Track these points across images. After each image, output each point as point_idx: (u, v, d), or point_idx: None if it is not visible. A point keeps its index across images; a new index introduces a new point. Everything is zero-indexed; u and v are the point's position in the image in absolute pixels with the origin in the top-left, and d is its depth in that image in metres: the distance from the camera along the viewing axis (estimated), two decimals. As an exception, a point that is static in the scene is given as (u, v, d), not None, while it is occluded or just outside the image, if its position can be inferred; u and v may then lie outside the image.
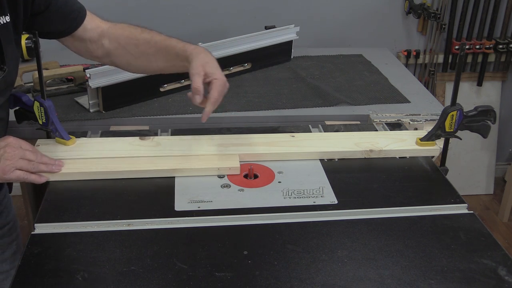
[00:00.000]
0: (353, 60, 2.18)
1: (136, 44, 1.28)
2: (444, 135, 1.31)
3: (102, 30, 1.29)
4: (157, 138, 1.35)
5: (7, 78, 1.15)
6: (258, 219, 1.09)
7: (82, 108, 1.66)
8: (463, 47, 1.28)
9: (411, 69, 2.54)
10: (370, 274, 0.95)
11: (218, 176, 1.22)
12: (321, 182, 1.21)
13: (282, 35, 2.06)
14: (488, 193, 2.88)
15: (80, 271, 0.93)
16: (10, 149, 1.10)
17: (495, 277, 0.95)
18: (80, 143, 1.32)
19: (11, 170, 1.09)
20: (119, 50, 1.29)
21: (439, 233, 1.06)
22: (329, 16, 2.43)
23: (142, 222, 1.06)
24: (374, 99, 1.80)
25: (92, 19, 1.28)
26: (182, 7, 2.30)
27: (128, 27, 1.31)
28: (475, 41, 2.53)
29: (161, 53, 1.27)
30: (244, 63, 1.98)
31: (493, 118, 1.30)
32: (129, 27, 1.31)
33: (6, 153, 1.09)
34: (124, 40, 1.28)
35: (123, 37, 1.28)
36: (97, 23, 1.29)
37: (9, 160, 1.09)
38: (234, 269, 0.95)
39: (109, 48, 1.29)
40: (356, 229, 1.06)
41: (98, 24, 1.29)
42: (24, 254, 0.97)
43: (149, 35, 1.28)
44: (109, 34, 1.29)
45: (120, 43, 1.28)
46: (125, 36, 1.28)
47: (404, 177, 1.25)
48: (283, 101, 1.77)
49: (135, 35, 1.28)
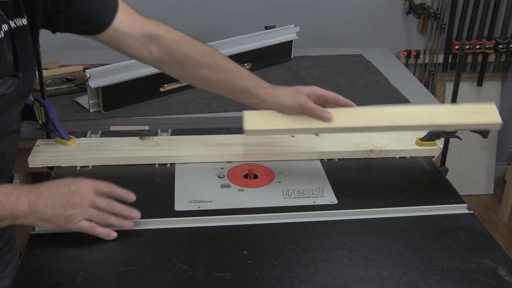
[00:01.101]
0: (353, 60, 2.17)
1: (195, 66, 1.19)
2: (444, 135, 1.31)
3: (148, 33, 1.17)
4: (157, 138, 1.35)
5: (23, 85, 1.04)
6: (258, 219, 1.09)
7: (82, 108, 1.66)
8: (463, 47, 1.28)
9: (411, 69, 2.54)
10: (370, 274, 0.95)
11: (218, 176, 1.22)
12: (321, 182, 1.21)
13: (282, 35, 2.06)
14: (488, 193, 2.88)
15: (80, 271, 0.93)
16: (78, 196, 0.98)
17: (495, 277, 0.95)
18: (80, 143, 1.32)
19: (75, 220, 0.97)
20: (173, 63, 1.20)
21: (439, 233, 1.06)
22: (329, 16, 2.42)
23: (142, 222, 1.06)
24: (374, 99, 1.80)
25: (132, 17, 1.17)
26: (182, 7, 2.30)
27: (184, 41, 1.19)
28: (475, 41, 2.53)
29: (225, 83, 1.21)
30: (244, 63, 1.97)
31: (493, 118, 1.29)
32: (186, 42, 1.19)
33: (73, 199, 0.97)
34: (181, 56, 1.19)
35: (179, 53, 1.19)
36: (139, 22, 1.17)
37: (75, 209, 0.97)
38: (234, 269, 0.95)
39: (160, 57, 1.20)
40: (356, 229, 1.06)
41: (140, 24, 1.17)
42: (24, 254, 0.97)
43: (213, 60, 1.20)
44: (159, 41, 1.18)
45: (175, 57, 1.19)
46: (183, 53, 1.19)
47: (404, 177, 1.25)
48: (283, 101, 1.77)
49: (196, 56, 1.19)
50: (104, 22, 1.13)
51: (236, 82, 1.20)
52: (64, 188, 1.00)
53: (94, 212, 1.00)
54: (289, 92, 1.18)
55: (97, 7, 1.11)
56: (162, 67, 1.24)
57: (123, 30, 1.15)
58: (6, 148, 1.10)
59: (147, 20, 1.19)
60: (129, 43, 1.17)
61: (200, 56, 1.19)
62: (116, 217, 1.03)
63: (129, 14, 1.17)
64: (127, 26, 1.15)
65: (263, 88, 1.20)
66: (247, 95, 1.21)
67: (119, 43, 1.17)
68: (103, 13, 1.12)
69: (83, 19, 1.11)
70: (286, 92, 1.18)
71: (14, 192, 0.96)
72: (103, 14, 1.12)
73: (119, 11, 1.14)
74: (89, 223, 0.99)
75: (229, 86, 1.22)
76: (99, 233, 1.00)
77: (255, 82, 1.21)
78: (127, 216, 1.04)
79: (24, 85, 1.05)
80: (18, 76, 1.02)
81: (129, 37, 1.16)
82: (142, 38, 1.17)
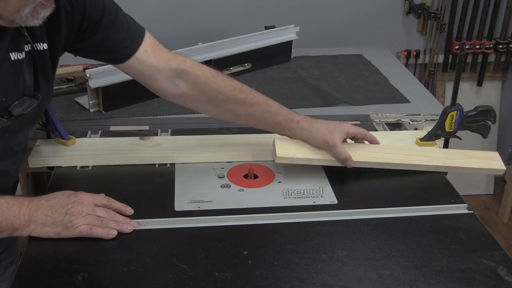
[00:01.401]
0: (353, 60, 2.17)
1: (224, 101, 1.19)
2: (444, 135, 1.31)
3: (175, 68, 1.17)
4: (157, 138, 1.35)
5: (40, 105, 1.07)
6: (258, 219, 1.09)
7: (82, 108, 1.66)
8: (463, 47, 1.28)
9: (411, 69, 2.54)
10: (370, 274, 0.95)
11: (218, 176, 1.22)
12: (321, 182, 1.21)
13: (282, 35, 2.06)
14: (488, 193, 2.88)
15: (80, 271, 0.93)
16: (78, 205, 1.01)
17: (495, 277, 0.95)
18: (80, 143, 1.32)
19: (74, 226, 0.99)
20: (200, 99, 1.20)
21: (439, 233, 1.06)
22: (329, 16, 2.42)
23: (142, 222, 1.06)
24: (374, 99, 1.80)
25: (158, 51, 1.16)
26: (183, 8, 2.30)
27: (213, 76, 1.19)
28: (475, 41, 2.53)
29: (255, 117, 1.22)
30: (244, 63, 1.97)
31: (493, 118, 1.30)
32: (214, 77, 1.19)
33: (73, 208, 1.00)
34: (209, 92, 1.18)
35: (208, 89, 1.18)
36: (165, 56, 1.17)
37: (74, 216, 0.99)
38: (234, 269, 0.95)
39: (187, 92, 1.19)
40: (356, 229, 1.06)
41: (167, 58, 1.17)
42: (24, 254, 0.97)
43: (242, 95, 1.19)
44: (186, 76, 1.18)
45: (203, 92, 1.18)
46: (211, 89, 1.18)
47: (404, 177, 1.25)
48: (283, 101, 1.76)
49: (225, 91, 1.18)
50: (126, 53, 1.13)
51: (266, 116, 1.22)
52: (64, 199, 1.02)
53: (93, 218, 1.01)
54: (321, 129, 1.22)
55: (121, 38, 1.12)
56: (188, 103, 1.23)
57: (149, 63, 1.15)
58: (10, 166, 1.10)
59: (174, 55, 1.19)
60: (155, 76, 1.17)
61: (229, 91, 1.19)
62: (115, 222, 1.03)
63: (156, 48, 1.17)
64: (153, 60, 1.15)
65: (295, 123, 1.23)
66: (279, 129, 1.25)
67: (144, 76, 1.17)
68: (126, 45, 1.13)
69: (106, 48, 1.12)
70: (318, 129, 1.22)
71: (15, 204, 0.97)
72: (126, 46, 1.13)
73: (144, 44, 1.14)
74: (87, 225, 1.00)
75: (259, 120, 1.23)
76: (98, 233, 1.00)
77: (286, 116, 1.23)
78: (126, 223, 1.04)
79: (39, 107, 1.07)
80: (38, 97, 1.04)
81: (155, 70, 1.16)
82: (169, 72, 1.17)
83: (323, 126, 1.22)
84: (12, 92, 1.00)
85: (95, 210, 1.02)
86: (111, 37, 1.11)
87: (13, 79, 0.99)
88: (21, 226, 0.97)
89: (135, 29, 1.14)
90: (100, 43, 1.11)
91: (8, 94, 0.99)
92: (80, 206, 1.01)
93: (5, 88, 0.98)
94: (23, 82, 1.01)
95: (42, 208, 0.99)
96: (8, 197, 0.98)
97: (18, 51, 0.99)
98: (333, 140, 1.20)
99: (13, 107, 1.01)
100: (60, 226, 0.99)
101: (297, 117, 1.23)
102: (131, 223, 1.05)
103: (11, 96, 1.00)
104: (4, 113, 1.00)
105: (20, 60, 0.99)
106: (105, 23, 1.09)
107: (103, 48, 1.12)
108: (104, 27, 1.09)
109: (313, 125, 1.23)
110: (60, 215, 0.99)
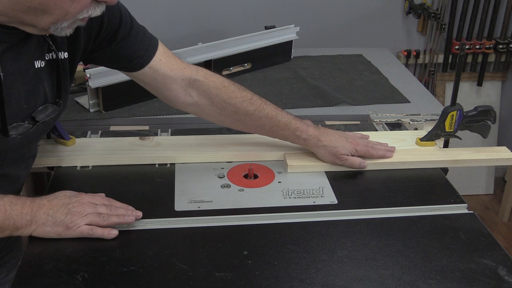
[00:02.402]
0: (353, 60, 2.18)
1: (234, 112, 1.21)
2: (444, 135, 1.31)
3: (188, 77, 1.19)
4: (157, 138, 1.35)
5: (60, 112, 1.08)
6: (258, 219, 1.09)
7: (82, 108, 1.66)
8: (463, 47, 1.28)
9: (411, 69, 2.54)
10: (370, 274, 0.95)
11: (218, 176, 1.22)
12: (321, 182, 1.21)
13: (282, 35, 2.06)
14: (488, 193, 2.88)
15: (80, 271, 0.93)
16: (79, 205, 1.01)
17: (495, 277, 0.95)
18: (80, 143, 1.32)
19: (76, 226, 0.99)
20: (211, 109, 1.21)
21: (439, 233, 1.06)
22: (329, 16, 2.43)
23: (142, 222, 1.06)
24: (374, 99, 1.80)
25: (172, 61, 1.18)
26: (183, 8, 2.30)
27: (224, 87, 1.20)
28: (475, 41, 2.53)
29: (264, 130, 1.24)
30: (244, 63, 1.98)
31: (493, 118, 1.30)
32: (225, 87, 1.20)
33: (74, 208, 1.00)
34: (220, 102, 1.20)
35: (219, 99, 1.20)
36: (179, 66, 1.19)
37: (75, 216, 0.99)
38: (234, 269, 0.95)
39: (198, 102, 1.21)
40: (356, 229, 1.06)
41: (181, 67, 1.19)
42: (24, 254, 0.97)
43: (252, 107, 1.20)
44: (199, 86, 1.19)
45: (214, 103, 1.20)
46: (222, 99, 1.20)
47: (404, 177, 1.25)
48: (283, 101, 1.77)
49: (235, 103, 1.20)
50: (141, 62, 1.14)
51: (275, 130, 1.24)
52: (65, 199, 1.02)
53: (95, 216, 1.01)
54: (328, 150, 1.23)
55: (136, 48, 1.13)
56: (199, 112, 1.24)
57: (163, 72, 1.17)
58: (21, 172, 1.11)
59: (187, 64, 1.21)
60: (168, 85, 1.18)
61: (239, 102, 1.20)
62: (117, 216, 1.03)
63: (169, 57, 1.18)
64: (167, 69, 1.17)
65: (302, 140, 1.24)
66: (287, 141, 1.27)
67: (157, 85, 1.19)
68: (141, 54, 1.14)
69: (121, 58, 1.13)
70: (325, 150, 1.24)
71: (18, 203, 0.98)
72: (141, 55, 1.14)
73: (158, 53, 1.16)
74: (88, 226, 1.00)
75: (268, 133, 1.26)
76: (99, 234, 1.00)
77: (294, 133, 1.24)
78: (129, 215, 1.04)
79: (61, 112, 1.09)
80: (60, 104, 1.06)
81: (169, 79, 1.18)
82: (182, 81, 1.19)
83: (331, 147, 1.23)
84: (33, 99, 1.01)
85: (96, 208, 1.02)
86: (127, 47, 1.12)
87: (35, 86, 1.01)
88: (23, 226, 0.97)
89: (149, 38, 1.16)
90: (116, 53, 1.12)
91: (29, 101, 1.00)
92: (82, 206, 1.01)
93: (27, 96, 0.99)
94: (43, 89, 1.03)
95: (43, 208, 0.99)
96: (11, 196, 0.98)
97: (41, 59, 1.00)
98: (341, 160, 1.23)
99: (37, 113, 1.02)
100: (61, 226, 0.99)
101: (304, 134, 1.23)
102: (134, 213, 1.05)
103: (32, 104, 1.01)
104: (28, 119, 1.01)
105: (41, 68, 1.00)
106: (122, 34, 1.10)
107: (118, 57, 1.13)
108: (121, 37, 1.11)
109: (320, 145, 1.23)
110: (61, 215, 0.99)
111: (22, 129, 1.00)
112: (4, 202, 0.96)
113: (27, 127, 1.01)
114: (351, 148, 1.24)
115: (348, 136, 1.27)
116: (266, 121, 1.22)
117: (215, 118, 1.24)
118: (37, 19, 0.88)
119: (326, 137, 1.23)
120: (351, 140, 1.26)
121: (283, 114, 1.23)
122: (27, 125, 1.01)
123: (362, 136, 1.31)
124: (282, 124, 1.23)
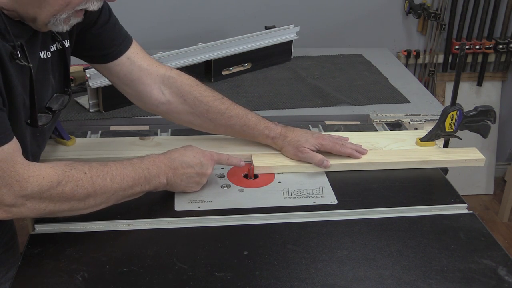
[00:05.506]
0: (353, 60, 2.18)
1: (206, 110, 1.23)
2: (444, 135, 1.31)
3: (162, 74, 1.21)
4: (157, 138, 1.35)
5: (69, 101, 1.12)
6: (258, 219, 1.09)
7: (82, 108, 1.66)
8: (463, 47, 1.28)
9: (411, 69, 2.54)
10: (370, 274, 0.95)
11: (218, 176, 1.22)
12: (321, 182, 1.21)
13: (282, 35, 2.06)
14: (488, 193, 2.88)
15: (80, 271, 0.93)
16: (208, 169, 1.13)
17: (495, 277, 0.95)
18: (80, 143, 1.32)
19: (202, 184, 1.15)
20: (183, 107, 1.23)
21: (439, 233, 1.06)
22: (329, 16, 2.43)
23: (142, 222, 1.06)
24: (374, 99, 1.80)
25: (147, 56, 1.21)
26: (183, 8, 2.30)
27: (196, 85, 1.23)
28: (475, 41, 2.53)
29: (234, 130, 1.26)
30: (244, 63, 1.98)
31: (493, 118, 1.30)
32: (198, 85, 1.23)
33: (204, 169, 1.12)
34: (192, 100, 1.22)
35: (191, 96, 1.22)
36: (154, 62, 1.22)
37: (205, 177, 1.14)
38: (234, 269, 0.95)
39: (171, 100, 1.22)
40: (356, 229, 1.06)
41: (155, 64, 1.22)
42: (24, 254, 0.97)
43: (223, 106, 1.23)
44: (172, 83, 1.22)
45: (186, 100, 1.22)
46: (194, 97, 1.22)
47: (404, 177, 1.25)
48: (283, 101, 1.77)
49: (207, 101, 1.22)
50: (118, 50, 1.16)
51: (245, 129, 1.26)
52: (196, 168, 1.11)
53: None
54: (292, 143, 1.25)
55: (114, 36, 1.16)
56: (169, 111, 1.25)
57: (140, 64, 1.19)
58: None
59: (161, 63, 1.23)
60: (143, 79, 1.20)
61: (211, 101, 1.23)
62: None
63: (145, 53, 1.21)
64: (143, 62, 1.20)
65: (270, 139, 1.26)
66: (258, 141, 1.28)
67: (133, 77, 1.20)
68: (119, 42, 1.16)
69: (100, 43, 1.15)
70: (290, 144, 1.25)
71: (154, 168, 1.07)
72: (118, 43, 1.16)
73: (135, 46, 1.19)
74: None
75: (239, 133, 1.28)
76: (234, 162, 1.17)
77: (263, 132, 1.26)
78: None
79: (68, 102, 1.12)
80: (68, 93, 1.11)
81: (145, 72, 1.20)
82: (156, 77, 1.21)
83: (294, 141, 1.24)
84: (43, 90, 1.04)
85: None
86: (105, 34, 1.14)
87: (43, 77, 1.03)
88: (160, 186, 1.09)
89: (125, 32, 1.19)
90: (96, 38, 1.14)
91: (40, 92, 1.02)
92: (210, 167, 1.13)
93: (38, 87, 1.01)
94: (50, 80, 1.05)
95: (178, 174, 1.10)
96: (146, 161, 1.07)
97: (46, 49, 1.03)
98: (302, 152, 1.23)
99: (51, 103, 1.06)
100: (192, 188, 1.13)
101: (272, 133, 1.26)
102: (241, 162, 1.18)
103: (42, 95, 1.04)
104: (45, 109, 1.05)
105: (48, 58, 1.03)
106: (102, 19, 1.13)
107: (98, 43, 1.15)
108: (101, 23, 1.13)
109: (285, 141, 1.25)
110: (194, 184, 1.13)
111: (45, 119, 1.04)
112: (143, 169, 1.05)
113: (48, 117, 1.05)
114: (315, 142, 1.24)
115: (315, 132, 1.30)
116: (236, 120, 1.24)
117: (185, 117, 1.25)
118: (40, 11, 0.90)
119: (291, 134, 1.26)
120: (317, 135, 1.27)
121: (252, 114, 1.27)
122: (48, 115, 1.05)
123: (340, 137, 1.31)
124: (252, 123, 1.25)
